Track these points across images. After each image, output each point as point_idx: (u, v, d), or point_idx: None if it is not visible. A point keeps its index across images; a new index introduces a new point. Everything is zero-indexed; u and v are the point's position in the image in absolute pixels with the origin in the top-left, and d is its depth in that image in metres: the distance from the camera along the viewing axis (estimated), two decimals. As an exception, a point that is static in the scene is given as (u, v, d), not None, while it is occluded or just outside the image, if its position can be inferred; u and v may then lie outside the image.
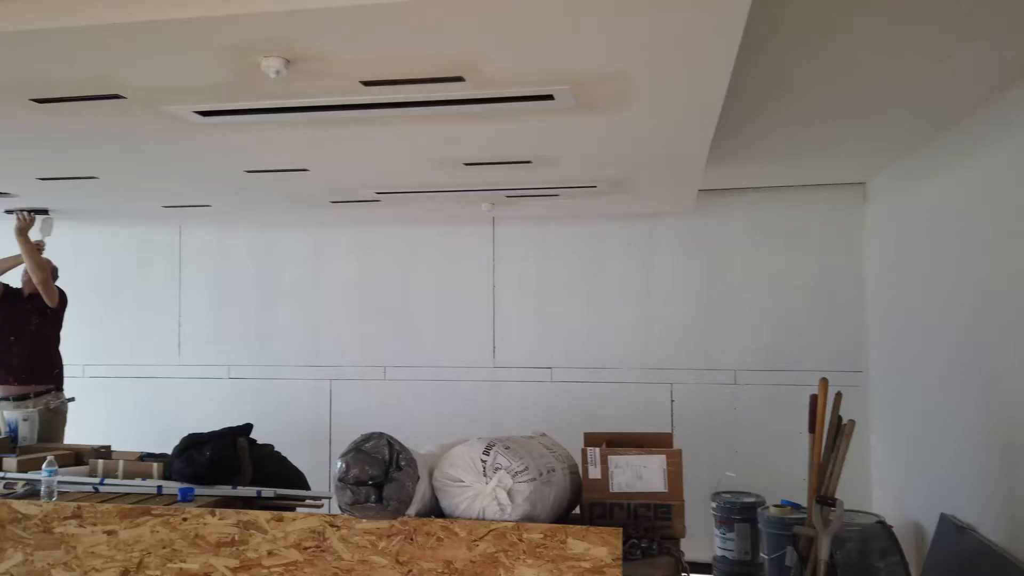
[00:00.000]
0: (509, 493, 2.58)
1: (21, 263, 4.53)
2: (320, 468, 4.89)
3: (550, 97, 2.32)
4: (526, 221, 5.25)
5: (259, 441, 3.95)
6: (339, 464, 2.58)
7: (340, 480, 2.56)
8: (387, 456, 2.59)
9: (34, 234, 4.58)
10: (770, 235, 4.95)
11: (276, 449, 4.06)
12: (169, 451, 4.01)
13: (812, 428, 3.37)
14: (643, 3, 1.71)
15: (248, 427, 3.98)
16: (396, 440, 2.64)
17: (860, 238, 4.79)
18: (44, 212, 4.53)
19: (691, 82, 2.24)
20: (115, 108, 2.45)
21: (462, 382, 5.31)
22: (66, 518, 2.88)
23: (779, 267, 4.94)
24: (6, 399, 4.38)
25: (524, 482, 2.61)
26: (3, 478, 3.68)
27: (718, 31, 1.85)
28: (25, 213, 4.43)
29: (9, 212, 4.48)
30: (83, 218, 4.96)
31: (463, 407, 5.28)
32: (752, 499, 4.53)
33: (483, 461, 2.64)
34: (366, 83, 2.22)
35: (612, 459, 2.91)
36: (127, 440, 4.58)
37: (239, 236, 5.61)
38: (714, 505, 4.59)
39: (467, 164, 3.28)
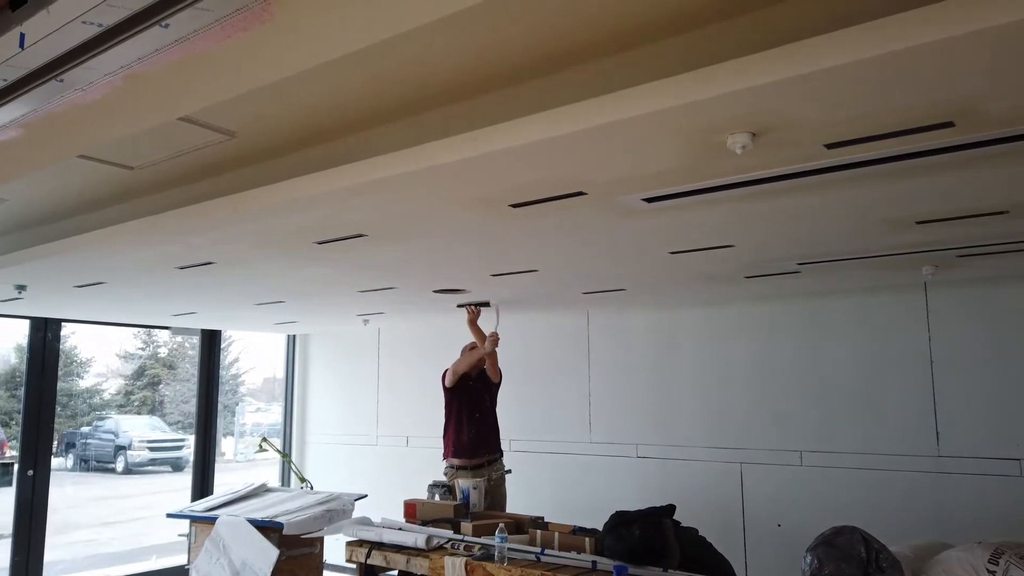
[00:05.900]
0: (1037, 617, 2.08)
1: (480, 357, 5.07)
2: (735, 555, 4.63)
3: (1066, 129, 1.93)
4: (969, 284, 4.50)
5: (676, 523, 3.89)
6: (808, 559, 2.35)
7: (813, 577, 2.34)
8: (863, 554, 2.29)
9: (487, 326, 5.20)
10: None
11: (700, 534, 3.95)
12: (583, 522, 4.17)
13: None
14: None
15: (671, 508, 3.96)
16: (872, 536, 2.34)
17: None
18: (486, 304, 5.23)
19: None
20: (576, 204, 2.65)
21: (894, 472, 4.64)
22: (531, 585, 3.10)
23: None
24: (464, 468, 5.00)
25: (1055, 605, 2.08)
26: (462, 540, 4.15)
27: None
28: (473, 306, 5.16)
29: (460, 306, 5.27)
30: (507, 307, 5.58)
31: (898, 501, 4.59)
32: None
33: (990, 571, 2.18)
34: (830, 145, 2.09)
35: None
36: (545, 510, 4.90)
37: (639, 318, 5.80)
38: None
39: (919, 223, 2.91)
